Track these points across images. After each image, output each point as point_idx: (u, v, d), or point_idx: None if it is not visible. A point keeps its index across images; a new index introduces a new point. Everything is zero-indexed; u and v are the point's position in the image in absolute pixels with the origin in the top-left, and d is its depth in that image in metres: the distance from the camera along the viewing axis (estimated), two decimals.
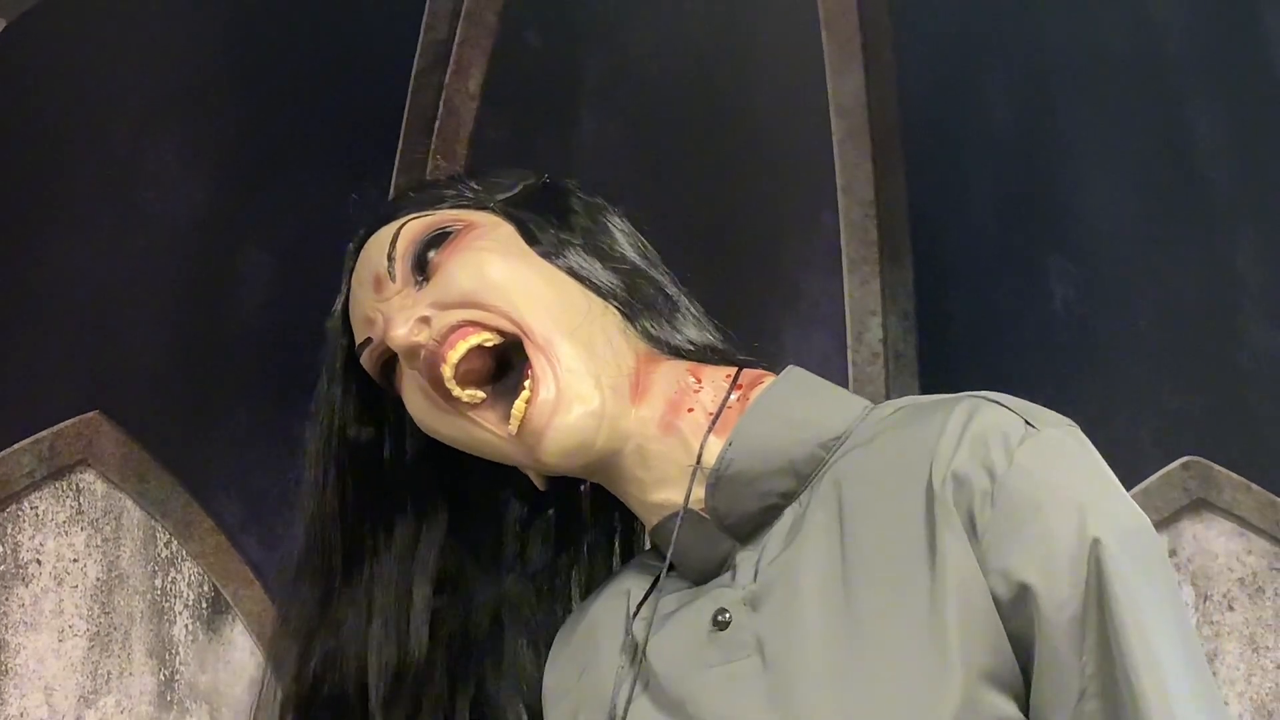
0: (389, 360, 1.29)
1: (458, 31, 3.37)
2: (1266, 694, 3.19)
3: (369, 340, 1.29)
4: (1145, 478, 3.21)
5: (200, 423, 3.17)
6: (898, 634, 1.09)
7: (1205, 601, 3.23)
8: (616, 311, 1.26)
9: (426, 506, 1.39)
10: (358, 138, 3.34)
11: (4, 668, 2.98)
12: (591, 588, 1.41)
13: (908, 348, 3.51)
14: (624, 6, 3.53)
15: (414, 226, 1.28)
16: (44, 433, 3.02)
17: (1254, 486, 3.21)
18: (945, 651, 1.07)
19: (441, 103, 3.37)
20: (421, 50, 3.37)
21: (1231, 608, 3.21)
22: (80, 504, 3.06)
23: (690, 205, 3.35)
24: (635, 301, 1.28)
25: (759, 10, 3.57)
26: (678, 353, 1.28)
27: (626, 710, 1.19)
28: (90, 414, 3.05)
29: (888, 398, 1.28)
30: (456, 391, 1.23)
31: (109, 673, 3.05)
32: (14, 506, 3.01)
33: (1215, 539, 3.24)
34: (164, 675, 3.09)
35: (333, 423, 1.36)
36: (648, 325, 1.27)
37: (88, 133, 3.03)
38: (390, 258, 1.27)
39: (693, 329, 1.30)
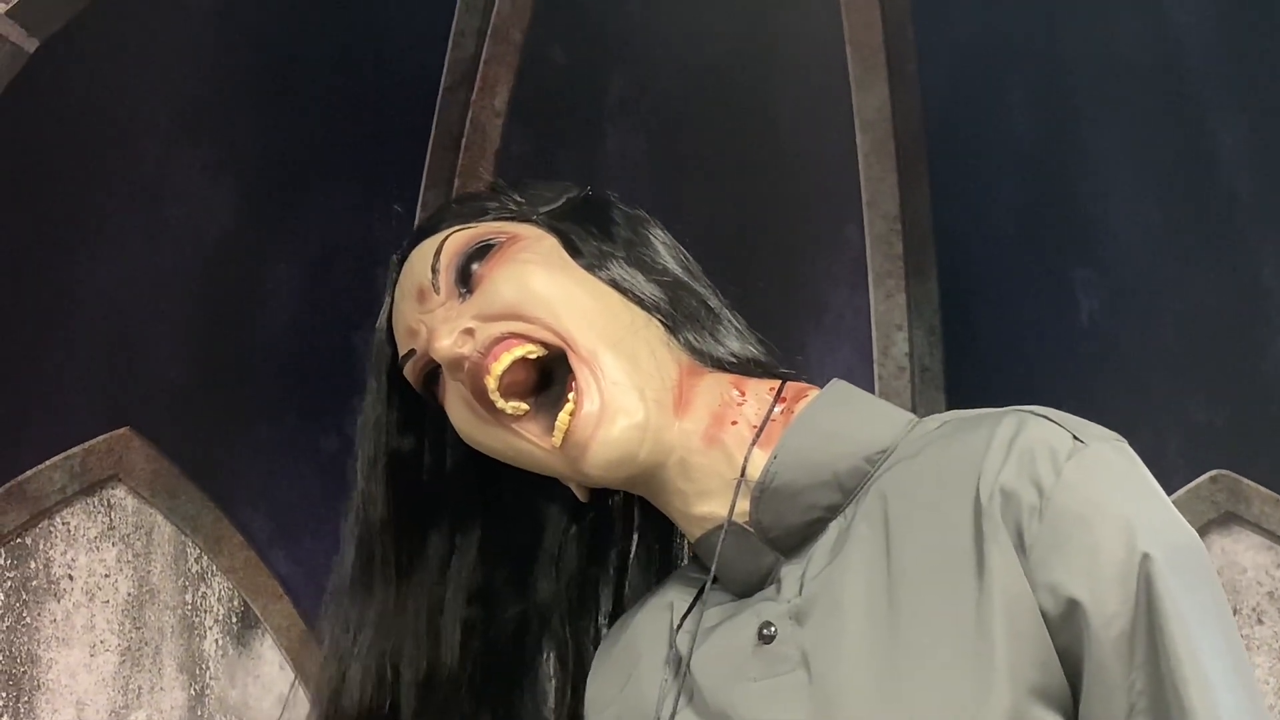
0: (432, 371, 1.29)
1: (484, 49, 3.38)
2: None
3: (412, 352, 1.29)
4: (1173, 492, 3.21)
5: (229, 437, 3.17)
6: (944, 649, 1.09)
7: (1234, 615, 3.22)
8: (659, 324, 1.26)
9: (463, 518, 1.39)
10: (385, 154, 3.35)
11: (36, 683, 2.98)
12: (624, 602, 1.41)
13: (934, 361, 3.50)
14: (648, 23, 3.53)
15: (458, 239, 1.28)
16: (75, 449, 3.03)
17: None
18: (992, 667, 1.06)
19: (468, 119, 3.38)
20: (449, 68, 3.37)
21: (1261, 621, 3.21)
22: (111, 519, 3.07)
23: (714, 219, 3.35)
24: (678, 313, 1.28)
25: (782, 26, 3.57)
26: (720, 365, 1.27)
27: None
28: (121, 430, 3.06)
29: (914, 411, 1.28)
30: (500, 403, 1.23)
31: (140, 688, 3.05)
32: (46, 522, 3.01)
33: (1244, 553, 3.24)
34: (194, 690, 3.10)
35: (378, 435, 1.36)
36: (690, 337, 1.27)
37: (116, 150, 3.04)
38: (434, 269, 1.27)
39: (735, 341, 1.30)
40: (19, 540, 2.99)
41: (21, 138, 2.61)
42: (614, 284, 1.27)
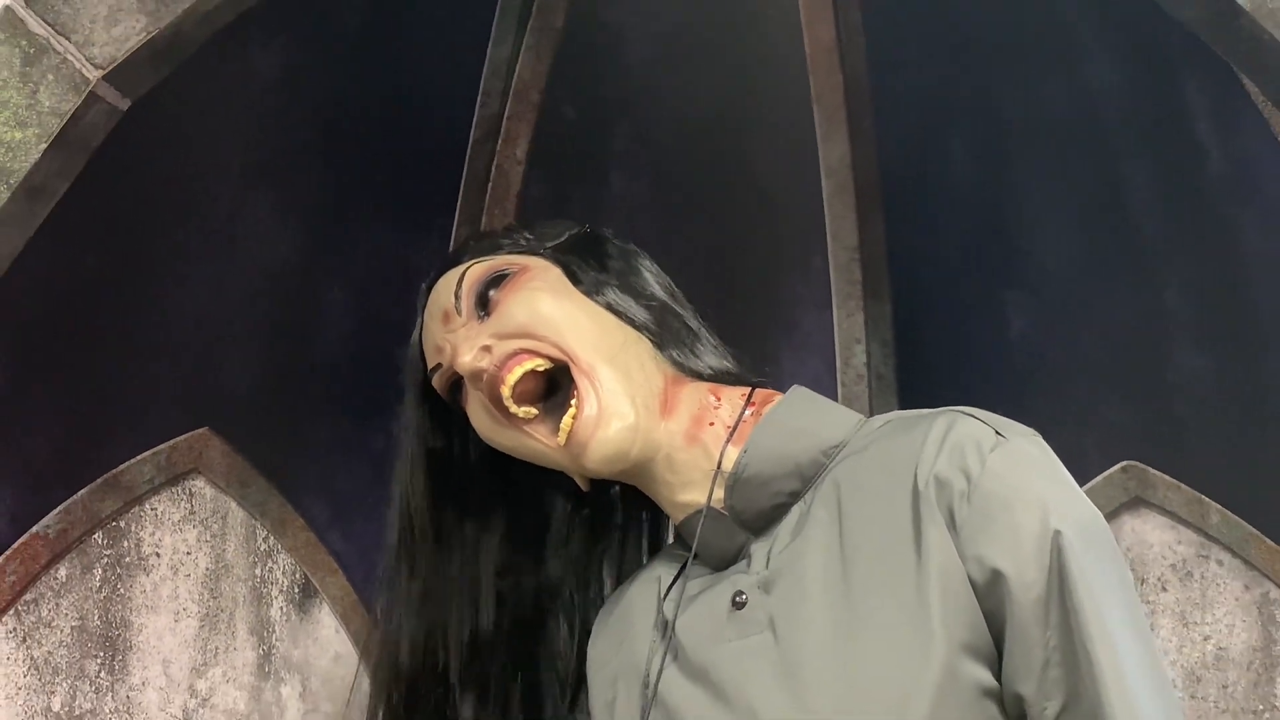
0: (456, 381, 1.29)
1: (507, 107, 3.38)
2: (1195, 662, 3.17)
3: (439, 365, 1.29)
4: (1090, 480, 3.20)
5: (292, 436, 3.17)
6: (889, 613, 1.09)
7: (1142, 584, 3.21)
8: (648, 341, 1.27)
9: (487, 505, 1.39)
10: (423, 196, 3.35)
11: (129, 644, 2.98)
12: (622, 575, 1.41)
13: (888, 370, 3.50)
14: (647, 85, 3.53)
15: (477, 270, 1.29)
16: (161, 446, 3.03)
17: (1183, 486, 3.20)
18: (929, 628, 1.06)
19: (494, 167, 3.37)
20: (477, 123, 3.37)
21: (1165, 589, 3.20)
22: (192, 506, 3.07)
23: (702, 251, 3.35)
24: (663, 332, 1.28)
25: (760, 87, 3.57)
26: (699, 376, 1.28)
27: (659, 677, 1.19)
28: (200, 430, 3.06)
29: (871, 413, 1.28)
30: (513, 409, 1.23)
31: (216, 648, 3.05)
32: (137, 508, 3.01)
33: (1150, 531, 3.23)
34: (262, 650, 3.09)
35: (414, 435, 1.37)
36: (674, 353, 1.28)
37: (197, 194, 3.04)
38: (457, 295, 1.28)
39: (712, 356, 1.30)
40: (114, 524, 2.99)
41: (117, 183, 2.61)
42: (609, 307, 1.27)
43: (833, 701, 1.08)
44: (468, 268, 1.30)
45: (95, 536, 2.96)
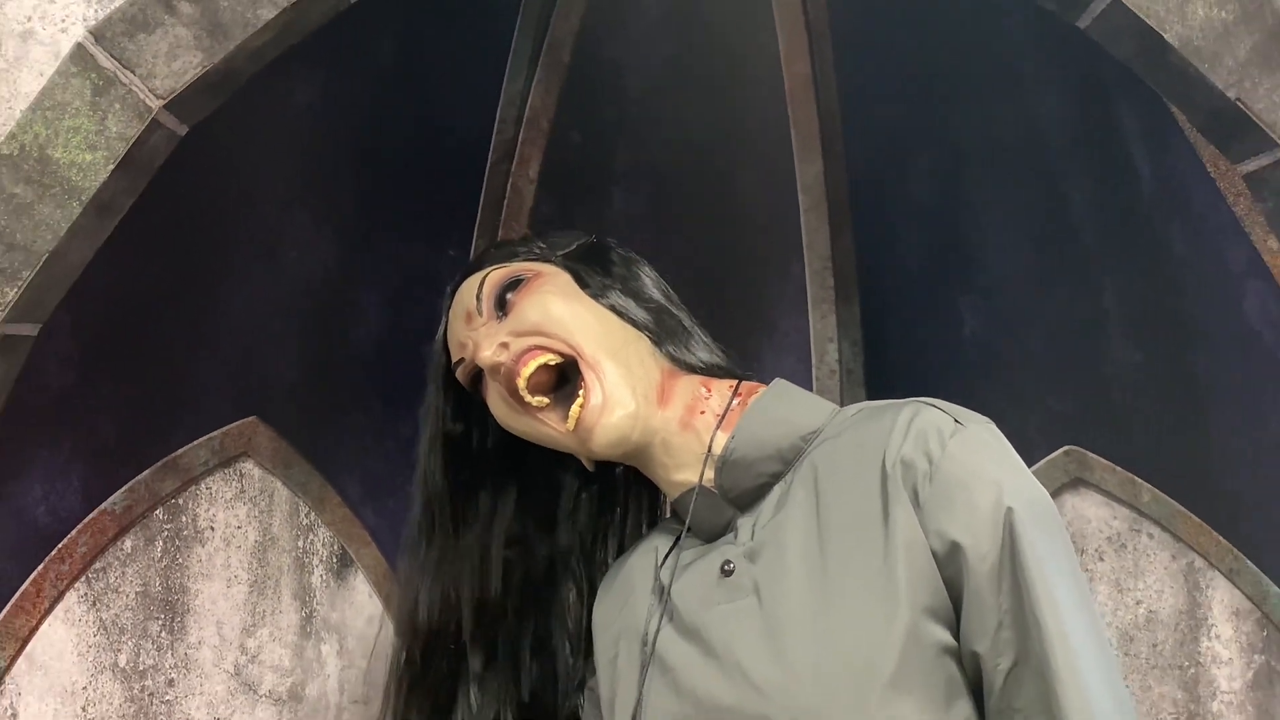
0: (477, 374, 1.30)
1: (521, 133, 3.37)
2: (1128, 624, 3.18)
3: (462, 360, 1.30)
4: (1034, 462, 3.20)
5: (330, 423, 3.17)
6: (860, 580, 1.09)
7: (1082, 555, 3.21)
8: (647, 338, 1.27)
9: (502, 483, 1.40)
10: (446, 212, 3.35)
11: (186, 607, 2.98)
12: (623, 546, 1.41)
13: (857, 366, 3.50)
14: (644, 114, 3.53)
15: (496, 275, 1.30)
16: (215, 432, 3.03)
17: (1117, 468, 3.20)
18: (896, 593, 1.07)
19: (509, 186, 3.37)
20: (494, 147, 3.37)
21: (1102, 559, 3.20)
22: (242, 485, 3.07)
23: (693, 260, 3.35)
24: (661, 331, 1.28)
25: (744, 114, 3.57)
26: (692, 369, 1.28)
27: (656, 636, 1.19)
28: (249, 418, 3.06)
29: (842, 404, 1.28)
30: (528, 398, 1.24)
31: (264, 611, 3.05)
32: (194, 487, 3.01)
33: (1089, 508, 3.24)
34: (304, 613, 3.09)
35: (437, 420, 1.37)
36: (670, 349, 1.28)
37: (245, 209, 3.04)
38: (478, 298, 1.28)
39: (704, 352, 1.31)
40: (173, 501, 2.99)
41: (175, 200, 2.61)
42: (612, 308, 1.28)
43: (810, 658, 1.08)
44: (488, 273, 1.31)
45: (157, 512, 2.96)
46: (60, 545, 2.83)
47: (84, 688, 2.86)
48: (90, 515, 2.86)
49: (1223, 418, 3.05)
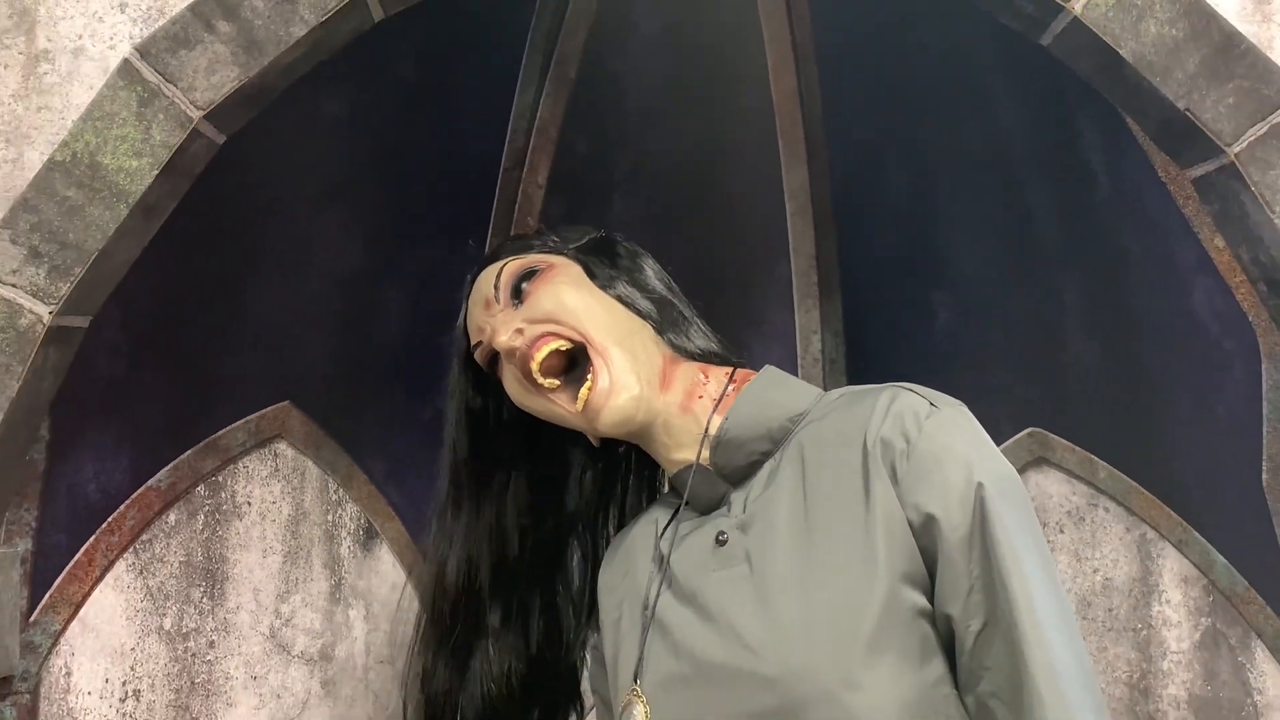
0: (494, 357, 1.29)
1: (531, 142, 3.37)
2: (1086, 590, 3.18)
3: (480, 343, 1.30)
4: (1001, 443, 3.20)
5: (357, 408, 3.17)
6: (842, 549, 1.09)
7: (1045, 527, 3.21)
8: (650, 327, 1.27)
9: (517, 458, 1.40)
10: (463, 214, 3.35)
11: (225, 575, 2.98)
12: (625, 518, 1.41)
13: (839, 355, 3.50)
14: (644, 125, 3.53)
15: (512, 266, 1.30)
16: (252, 416, 3.03)
17: (1076, 448, 3.20)
18: (875, 561, 1.06)
19: (520, 191, 3.37)
20: (506, 155, 3.37)
21: (1062, 531, 3.21)
22: (276, 464, 3.07)
23: (688, 259, 3.30)
24: (663, 320, 1.28)
25: (735, 125, 3.57)
26: (691, 356, 1.28)
27: (656, 600, 1.19)
28: (283, 403, 3.07)
29: (827, 389, 1.29)
30: (540, 380, 1.23)
31: (296, 579, 3.05)
32: (232, 466, 3.01)
33: (1051, 485, 3.24)
34: (333, 581, 3.10)
35: (460, 397, 1.37)
36: (671, 337, 1.28)
37: (278, 212, 3.04)
38: (496, 286, 1.28)
39: (701, 339, 1.31)
40: (214, 479, 2.99)
41: (214, 203, 2.61)
42: (619, 298, 1.27)
43: (797, 620, 1.08)
44: (505, 263, 1.31)
45: (198, 489, 2.96)
46: (110, 519, 2.82)
47: (132, 649, 2.86)
48: (137, 491, 2.86)
49: (1173, 403, 3.05)
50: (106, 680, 2.83)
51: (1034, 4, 2.25)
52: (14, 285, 2.14)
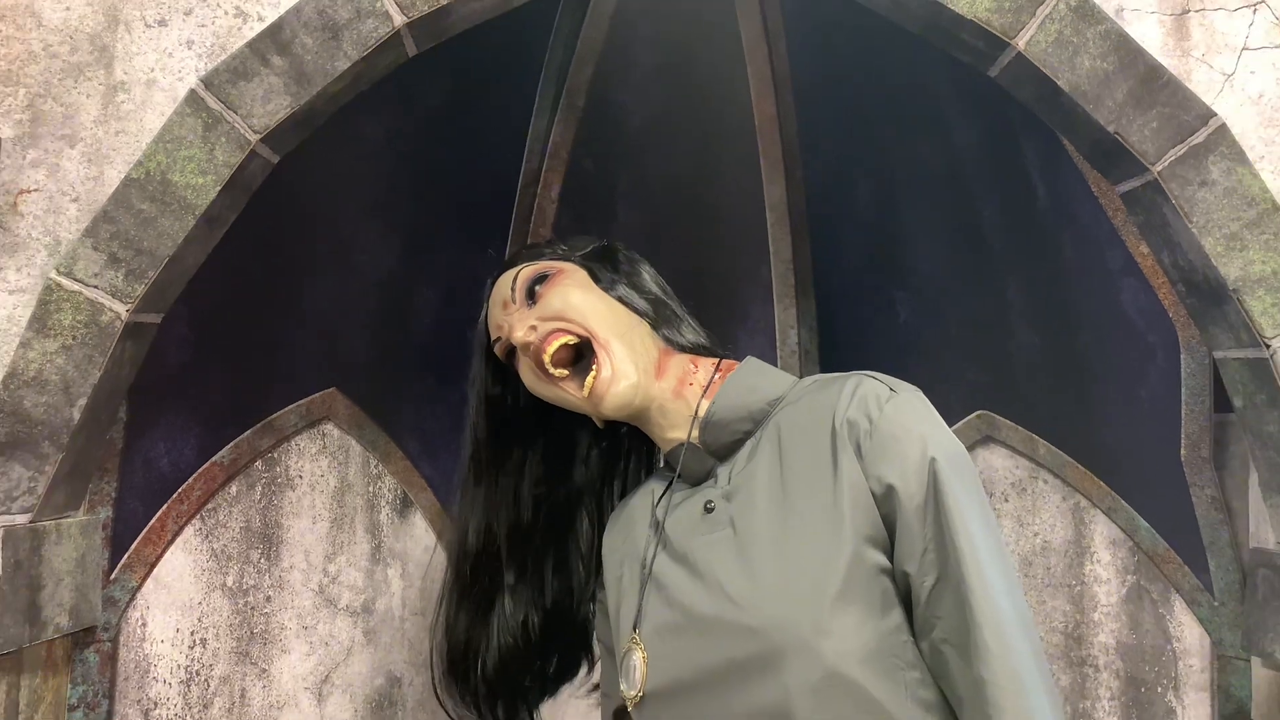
0: (511, 350, 1.30)
1: (545, 162, 3.37)
2: (1028, 551, 3.19)
3: (499, 338, 1.30)
4: (953, 423, 3.21)
5: (394, 393, 3.18)
6: (814, 515, 1.09)
7: (991, 497, 3.21)
8: (647, 323, 1.27)
9: (532, 437, 1.40)
10: (486, 225, 3.35)
11: (280, 539, 2.99)
12: (627, 489, 1.41)
13: (813, 348, 3.50)
14: (643, 146, 3.53)
15: (527, 271, 1.30)
16: (303, 400, 3.03)
17: (1019, 428, 3.20)
18: (841, 524, 1.07)
19: (535, 205, 3.37)
20: (523, 173, 3.37)
21: (1006, 500, 3.21)
22: (325, 443, 3.07)
23: (681, 262, 3.31)
24: (658, 318, 1.28)
25: (722, 146, 3.57)
26: (683, 349, 1.28)
27: (653, 560, 1.20)
28: (330, 389, 3.07)
29: (802, 376, 1.29)
30: (551, 370, 1.24)
31: (342, 542, 3.06)
32: (286, 444, 3.02)
33: (996, 460, 3.24)
34: (374, 544, 3.10)
35: (481, 385, 1.37)
36: (665, 332, 1.28)
37: (325, 223, 3.04)
38: (513, 289, 1.28)
39: (692, 335, 1.31)
40: (270, 455, 3.00)
41: (269, 215, 2.61)
42: (620, 299, 1.27)
43: (774, 576, 1.09)
44: (521, 269, 1.31)
45: (256, 464, 2.96)
46: (180, 490, 2.83)
47: (199, 603, 2.86)
48: (203, 466, 2.86)
49: (1103, 387, 3.05)
50: (177, 630, 2.84)
51: (983, 40, 2.25)
52: (96, 286, 2.14)
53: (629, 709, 1.22)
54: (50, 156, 2.16)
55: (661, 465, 1.36)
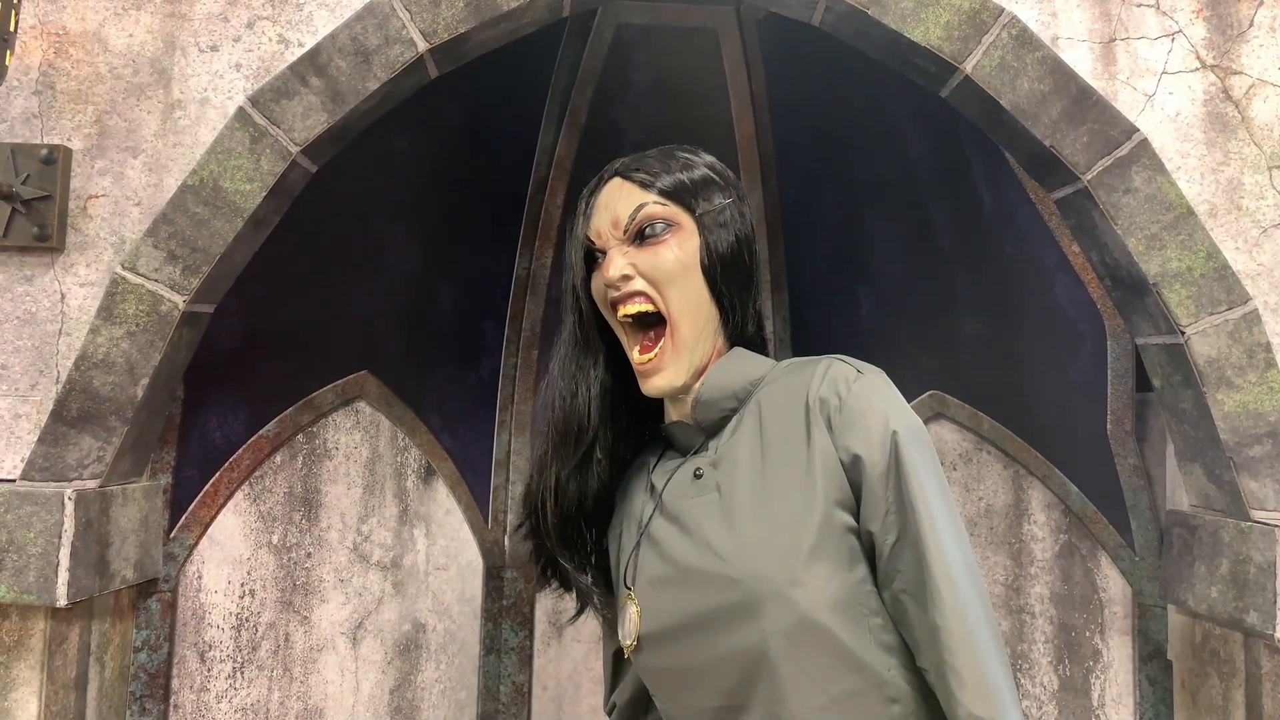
0: (592, 252, 1.21)
1: (551, 173, 3.35)
2: (973, 513, 3.19)
3: (593, 244, 1.20)
4: (910, 401, 3.21)
5: (419, 376, 3.17)
6: (789, 480, 1.09)
7: (943, 466, 3.23)
8: (720, 318, 1.19)
9: (602, 342, 1.25)
10: (499, 228, 3.33)
11: (319, 503, 2.98)
12: (640, 449, 1.31)
13: (786, 335, 3.50)
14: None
15: (651, 209, 1.17)
16: (338, 381, 3.03)
17: (966, 405, 3.21)
18: (813, 489, 1.06)
19: (542, 210, 3.35)
20: (531, 183, 3.35)
21: (955, 469, 3.22)
22: (358, 418, 3.06)
23: None
24: (734, 320, 1.21)
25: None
26: (732, 342, 1.23)
27: (649, 520, 1.19)
28: (362, 371, 3.06)
29: (777, 361, 1.28)
30: (620, 317, 1.18)
31: (373, 506, 3.06)
32: (323, 419, 3.01)
33: (946, 434, 3.24)
34: (402, 507, 3.10)
35: (581, 271, 1.22)
36: (730, 331, 1.21)
37: (357, 226, 3.03)
38: (632, 217, 1.17)
39: (751, 329, 1.23)
40: (310, 429, 2.99)
41: (309, 218, 2.60)
42: (713, 288, 1.17)
43: (754, 534, 1.08)
44: (649, 201, 1.17)
45: (298, 437, 2.96)
46: (230, 459, 2.83)
47: (248, 559, 2.86)
48: (251, 439, 2.86)
49: (1038, 370, 3.06)
50: (229, 582, 2.83)
51: (935, 65, 2.24)
52: (156, 280, 2.13)
53: (626, 655, 1.22)
54: (116, 166, 2.15)
55: (662, 434, 1.35)
